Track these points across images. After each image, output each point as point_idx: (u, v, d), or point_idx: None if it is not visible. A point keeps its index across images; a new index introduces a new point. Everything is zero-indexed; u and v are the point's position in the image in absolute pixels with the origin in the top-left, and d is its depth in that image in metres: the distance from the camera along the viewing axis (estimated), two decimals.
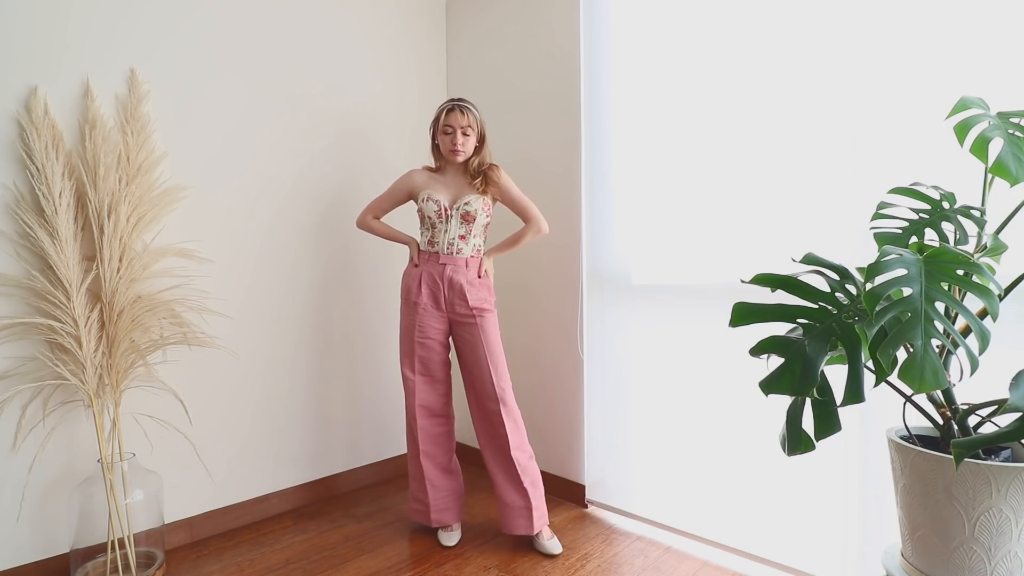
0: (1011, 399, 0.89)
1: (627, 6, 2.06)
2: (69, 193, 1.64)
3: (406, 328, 1.97)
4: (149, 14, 1.86)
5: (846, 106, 1.57)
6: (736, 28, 1.79)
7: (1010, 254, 1.14)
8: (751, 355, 1.04)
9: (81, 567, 1.66)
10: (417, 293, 1.93)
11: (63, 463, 1.73)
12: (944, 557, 1.01)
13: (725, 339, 1.45)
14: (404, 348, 1.97)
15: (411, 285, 1.95)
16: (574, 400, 2.26)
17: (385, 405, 2.57)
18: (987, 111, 1.14)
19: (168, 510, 1.89)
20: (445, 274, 1.91)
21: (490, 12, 2.57)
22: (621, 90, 2.09)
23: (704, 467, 1.88)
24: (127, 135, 1.77)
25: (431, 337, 1.94)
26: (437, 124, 1.93)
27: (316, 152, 2.31)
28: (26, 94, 1.64)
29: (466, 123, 1.90)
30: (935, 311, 0.91)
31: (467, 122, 1.90)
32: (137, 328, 1.74)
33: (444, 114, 1.91)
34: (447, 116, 1.90)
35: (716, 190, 1.84)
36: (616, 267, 2.12)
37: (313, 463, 2.32)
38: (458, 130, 1.90)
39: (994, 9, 1.35)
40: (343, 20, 2.39)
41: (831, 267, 1.09)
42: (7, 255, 1.62)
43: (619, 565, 1.80)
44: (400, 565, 1.81)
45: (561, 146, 2.28)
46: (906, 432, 1.15)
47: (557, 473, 2.34)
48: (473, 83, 2.67)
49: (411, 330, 1.94)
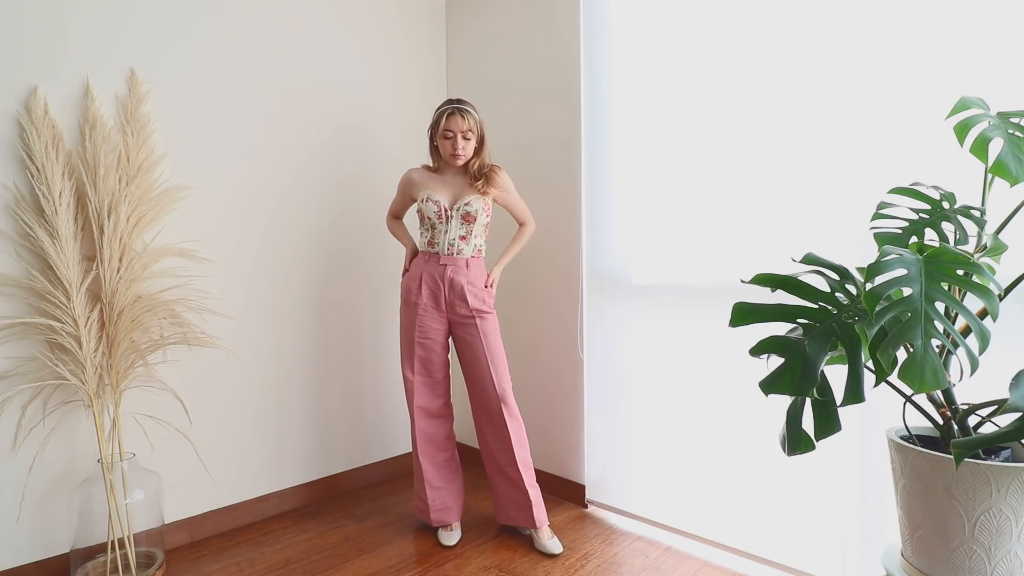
0: (1011, 399, 0.89)
1: (627, 6, 2.06)
2: (69, 193, 1.64)
3: (406, 328, 1.97)
4: (149, 14, 1.86)
5: (846, 106, 1.57)
6: (736, 28, 1.78)
7: (1010, 254, 1.14)
8: (751, 355, 1.04)
9: (81, 567, 1.66)
10: (417, 293, 1.93)
11: (63, 463, 1.73)
12: (944, 557, 1.01)
13: (725, 339, 1.45)
14: (404, 349, 1.98)
15: (411, 285, 1.95)
16: (574, 400, 2.26)
17: (385, 404, 2.57)
18: (987, 111, 1.14)
19: (168, 510, 1.89)
20: (446, 275, 1.91)
21: (490, 11, 2.57)
22: (621, 90, 2.09)
23: (704, 467, 1.88)
24: (127, 135, 1.77)
25: (431, 337, 1.94)
26: (436, 127, 1.91)
27: (316, 152, 2.31)
28: (26, 94, 1.64)
29: (467, 127, 1.88)
30: (935, 311, 0.91)
31: (468, 126, 1.88)
32: (137, 328, 1.74)
33: (444, 118, 1.88)
34: (447, 120, 1.88)
35: (716, 190, 1.84)
36: (616, 267, 2.12)
37: (313, 463, 2.32)
38: (459, 135, 1.88)
39: (994, 9, 1.35)
40: (343, 20, 2.39)
41: (831, 267, 1.09)
42: (7, 255, 1.62)
43: (619, 565, 1.80)
44: (400, 565, 1.81)
45: (561, 146, 2.28)
46: (906, 432, 1.15)
47: (557, 473, 2.34)
48: (473, 83, 2.67)
49: (411, 330, 1.95)
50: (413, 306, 1.94)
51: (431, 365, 1.97)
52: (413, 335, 1.94)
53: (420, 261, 1.96)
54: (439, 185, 1.96)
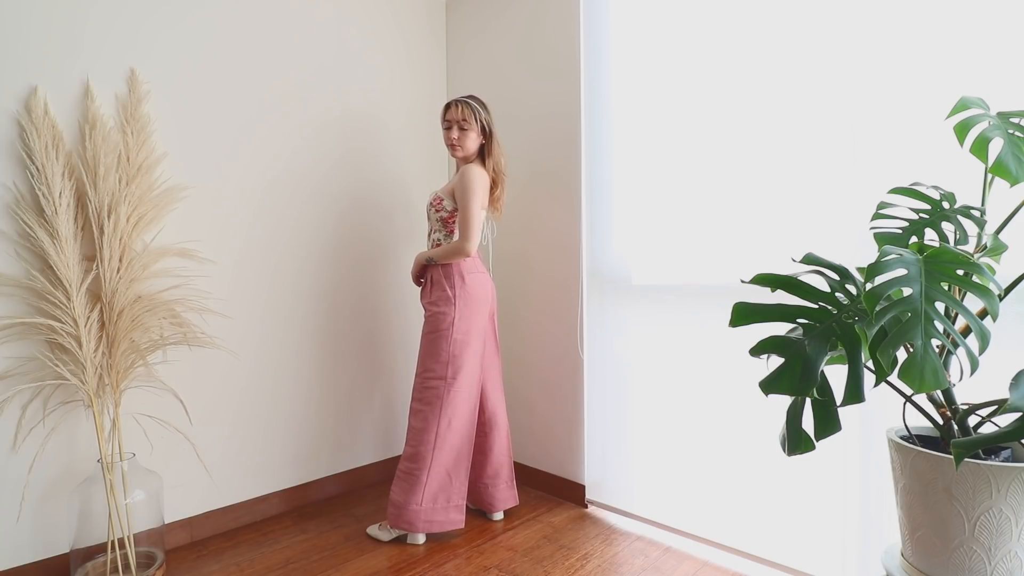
0: (1011, 399, 0.89)
1: (627, 7, 2.06)
2: (69, 193, 1.64)
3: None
4: (149, 14, 1.86)
5: (846, 106, 1.57)
6: (736, 28, 1.78)
7: (1010, 254, 1.14)
8: (751, 355, 1.04)
9: (81, 567, 1.66)
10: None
11: (63, 463, 1.73)
12: (944, 557, 1.01)
13: (725, 339, 1.45)
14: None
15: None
16: (574, 400, 2.26)
17: (385, 404, 2.57)
18: (987, 111, 1.14)
19: (168, 510, 1.89)
20: (427, 272, 2.05)
21: (490, 13, 2.57)
22: (621, 90, 2.09)
23: (704, 467, 1.88)
24: (127, 135, 1.77)
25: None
26: (441, 120, 2.02)
27: (316, 152, 2.31)
28: (26, 94, 1.64)
29: (460, 116, 1.95)
30: (935, 311, 0.91)
31: (462, 115, 1.95)
32: (137, 328, 1.74)
33: (444, 109, 2.00)
34: (444, 111, 1.99)
35: (716, 190, 1.84)
36: (616, 267, 2.12)
37: (314, 463, 2.32)
38: (453, 124, 1.96)
39: (994, 9, 1.35)
40: (344, 21, 2.39)
41: (831, 267, 1.09)
42: (7, 255, 1.62)
43: (619, 565, 1.80)
44: (400, 565, 1.81)
45: (561, 146, 2.28)
46: (906, 432, 1.15)
47: (557, 473, 2.34)
48: (473, 84, 2.66)
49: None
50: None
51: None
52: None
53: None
54: (446, 182, 2.00)
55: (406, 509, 1.90)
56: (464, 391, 1.96)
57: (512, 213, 2.45)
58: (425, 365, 1.98)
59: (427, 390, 1.96)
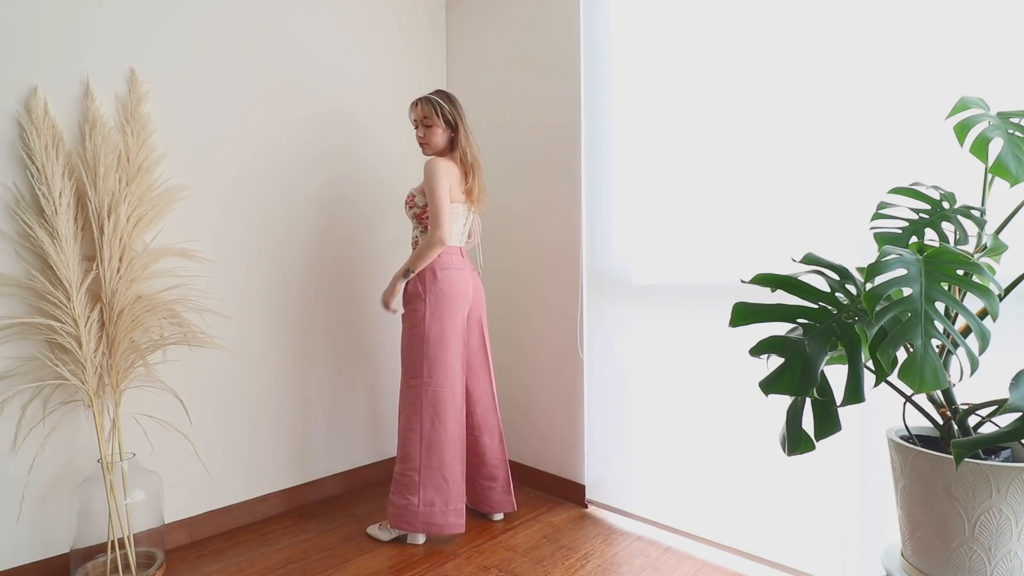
0: (1011, 399, 0.89)
1: (627, 7, 2.06)
2: (69, 193, 1.64)
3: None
4: (150, 14, 1.86)
5: (846, 106, 1.57)
6: (736, 28, 1.78)
7: (1010, 254, 1.14)
8: (751, 355, 1.04)
9: (81, 567, 1.66)
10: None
11: (63, 463, 1.73)
12: (944, 557, 1.01)
13: (725, 339, 1.45)
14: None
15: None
16: (574, 400, 2.26)
17: (385, 404, 2.57)
18: (987, 111, 1.14)
19: (168, 510, 1.89)
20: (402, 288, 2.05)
21: (490, 14, 2.57)
22: (621, 90, 2.09)
23: (704, 467, 1.88)
24: (127, 135, 1.77)
25: None
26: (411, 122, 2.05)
27: (317, 152, 2.31)
28: (26, 94, 1.64)
29: (422, 114, 1.97)
30: (935, 311, 0.91)
31: (423, 113, 1.97)
32: (137, 328, 1.74)
33: (409, 111, 2.01)
34: (410, 112, 2.01)
35: (716, 190, 1.84)
36: (616, 267, 2.12)
37: (313, 463, 2.32)
38: (419, 122, 1.98)
39: (994, 9, 1.35)
40: (344, 22, 2.39)
41: (831, 267, 1.09)
42: (7, 255, 1.62)
43: (619, 565, 1.80)
44: (400, 565, 1.81)
45: (561, 145, 2.28)
46: (906, 432, 1.15)
47: (557, 473, 2.34)
48: (473, 85, 2.66)
49: None
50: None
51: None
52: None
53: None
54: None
55: (405, 509, 1.90)
56: (446, 390, 1.91)
57: (512, 213, 2.45)
58: (404, 365, 1.97)
59: (408, 390, 1.95)
